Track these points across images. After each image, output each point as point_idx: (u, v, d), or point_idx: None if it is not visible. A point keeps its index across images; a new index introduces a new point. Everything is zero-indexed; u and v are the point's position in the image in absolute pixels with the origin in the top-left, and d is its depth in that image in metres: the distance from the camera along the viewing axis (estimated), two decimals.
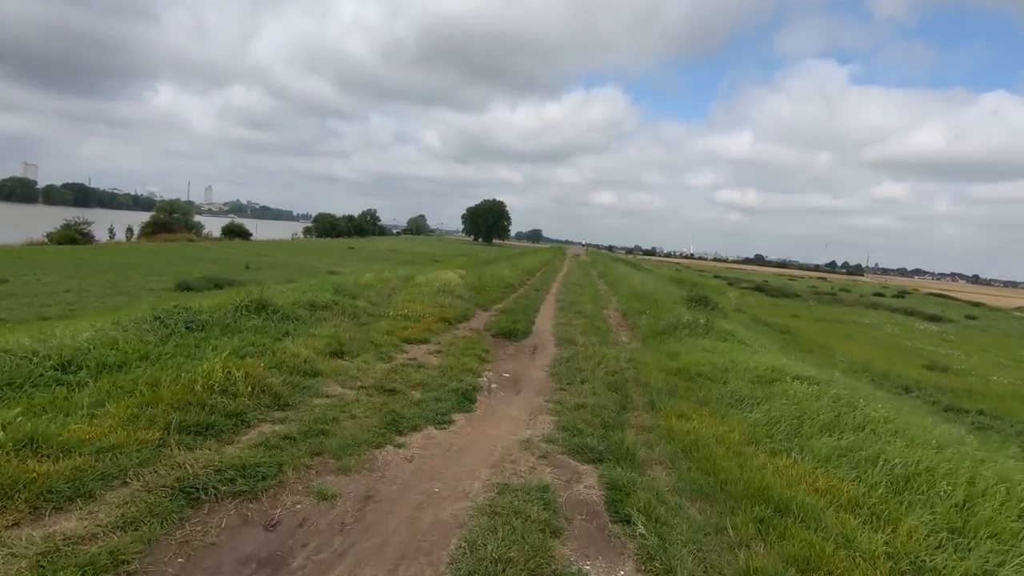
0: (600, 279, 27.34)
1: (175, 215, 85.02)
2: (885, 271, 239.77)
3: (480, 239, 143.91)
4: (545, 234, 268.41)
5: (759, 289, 67.37)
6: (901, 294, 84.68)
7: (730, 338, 10.71)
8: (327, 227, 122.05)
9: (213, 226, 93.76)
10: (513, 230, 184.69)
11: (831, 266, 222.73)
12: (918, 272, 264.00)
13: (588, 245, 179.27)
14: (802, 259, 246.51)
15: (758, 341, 11.63)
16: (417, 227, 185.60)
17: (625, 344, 10.44)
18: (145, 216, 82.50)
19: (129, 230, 75.00)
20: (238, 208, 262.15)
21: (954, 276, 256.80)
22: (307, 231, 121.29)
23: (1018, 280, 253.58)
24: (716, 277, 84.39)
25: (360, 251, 76.18)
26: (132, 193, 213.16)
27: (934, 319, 49.30)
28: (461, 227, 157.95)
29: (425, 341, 8.63)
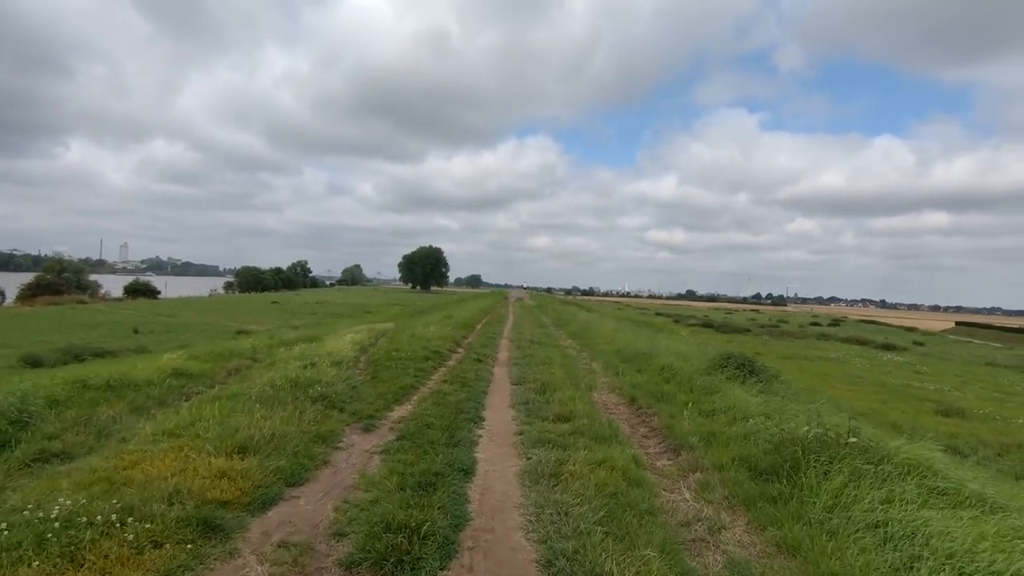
0: (559, 330, 20.66)
1: (65, 275, 72.96)
2: (804, 300, 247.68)
3: (418, 287, 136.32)
4: (484, 279, 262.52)
5: (707, 325, 63.30)
6: (835, 322, 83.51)
7: (949, 490, 4.27)
8: (251, 281, 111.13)
9: (121, 285, 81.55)
10: (452, 276, 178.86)
11: (757, 298, 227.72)
12: (833, 300, 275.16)
13: (529, 289, 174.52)
14: (730, 293, 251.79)
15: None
16: (352, 277, 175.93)
17: (721, 550, 3.75)
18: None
19: (0, 294, 62.75)
20: (157, 265, 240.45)
21: (864, 302, 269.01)
22: (228, 286, 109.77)
23: (918, 303, 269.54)
24: (658, 314, 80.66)
25: (285, 305, 67.34)
26: (35, 254, 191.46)
27: (888, 348, 46.02)
28: (399, 276, 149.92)
29: None
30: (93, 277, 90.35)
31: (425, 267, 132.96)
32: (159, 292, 78.08)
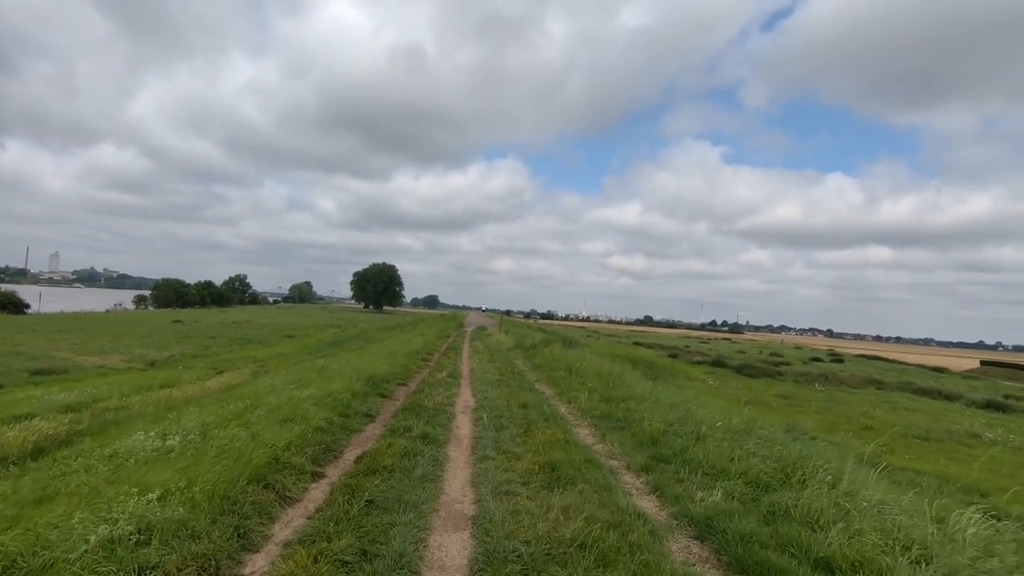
0: (612, 454, 4.87)
1: None
2: (757, 328, 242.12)
3: (370, 306, 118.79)
4: (442, 299, 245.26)
5: (718, 364, 49.26)
6: (837, 358, 71.55)
7: None
8: (171, 296, 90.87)
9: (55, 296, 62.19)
10: (409, 296, 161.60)
11: (713, 325, 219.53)
12: (783, 328, 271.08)
13: (489, 312, 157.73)
14: (684, 319, 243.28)
15: None
16: (301, 295, 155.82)
17: None
18: None
19: None
20: (90, 276, 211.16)
21: (813, 331, 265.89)
22: (140, 301, 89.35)
23: (861, 333, 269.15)
24: (636, 343, 66.68)
25: (190, 326, 49.00)
26: None
27: (997, 407, 32.41)
28: (351, 294, 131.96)
29: None
30: (11, 288, 69.85)
31: (377, 286, 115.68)
32: (27, 306, 58.44)
